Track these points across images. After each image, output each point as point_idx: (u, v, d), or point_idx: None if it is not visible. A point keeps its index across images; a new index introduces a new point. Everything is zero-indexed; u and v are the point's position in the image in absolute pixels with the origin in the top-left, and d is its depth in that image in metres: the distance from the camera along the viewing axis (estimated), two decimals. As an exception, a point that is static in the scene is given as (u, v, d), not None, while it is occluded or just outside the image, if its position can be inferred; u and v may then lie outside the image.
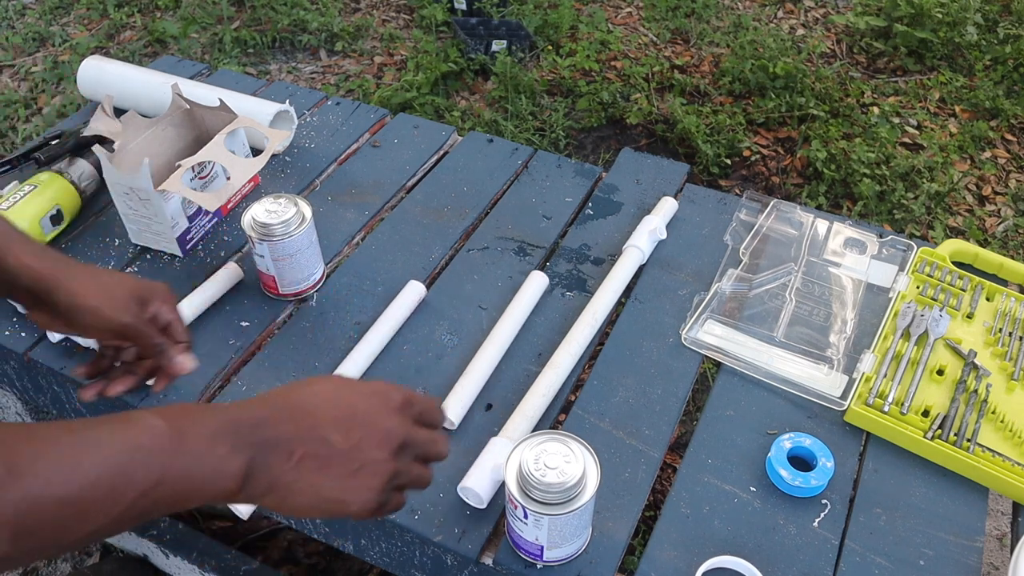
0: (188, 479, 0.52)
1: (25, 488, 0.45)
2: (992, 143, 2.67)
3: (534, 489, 0.71)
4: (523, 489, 0.72)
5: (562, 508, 0.72)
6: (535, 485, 0.71)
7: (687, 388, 0.97)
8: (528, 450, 0.73)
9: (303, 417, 0.57)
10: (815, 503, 0.86)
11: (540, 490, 0.71)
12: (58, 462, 0.47)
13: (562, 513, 0.72)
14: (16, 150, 1.41)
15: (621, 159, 1.30)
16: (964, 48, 3.01)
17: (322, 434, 0.57)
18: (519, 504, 0.72)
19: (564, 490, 0.71)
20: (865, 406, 0.92)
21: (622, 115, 2.65)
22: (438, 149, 1.33)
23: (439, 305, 1.06)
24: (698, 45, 3.06)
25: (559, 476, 0.71)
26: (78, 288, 0.77)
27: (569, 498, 0.72)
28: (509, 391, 0.96)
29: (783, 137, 2.64)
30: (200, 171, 1.10)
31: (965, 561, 0.81)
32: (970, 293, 1.06)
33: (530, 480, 0.71)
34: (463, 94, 2.82)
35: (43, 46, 3.01)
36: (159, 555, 1.39)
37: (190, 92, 1.20)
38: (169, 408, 0.55)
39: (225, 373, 0.98)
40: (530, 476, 0.71)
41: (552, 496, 0.71)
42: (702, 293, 1.06)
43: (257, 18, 3.12)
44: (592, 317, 1.02)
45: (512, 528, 0.77)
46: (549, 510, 0.72)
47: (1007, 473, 0.86)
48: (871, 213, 2.34)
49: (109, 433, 0.50)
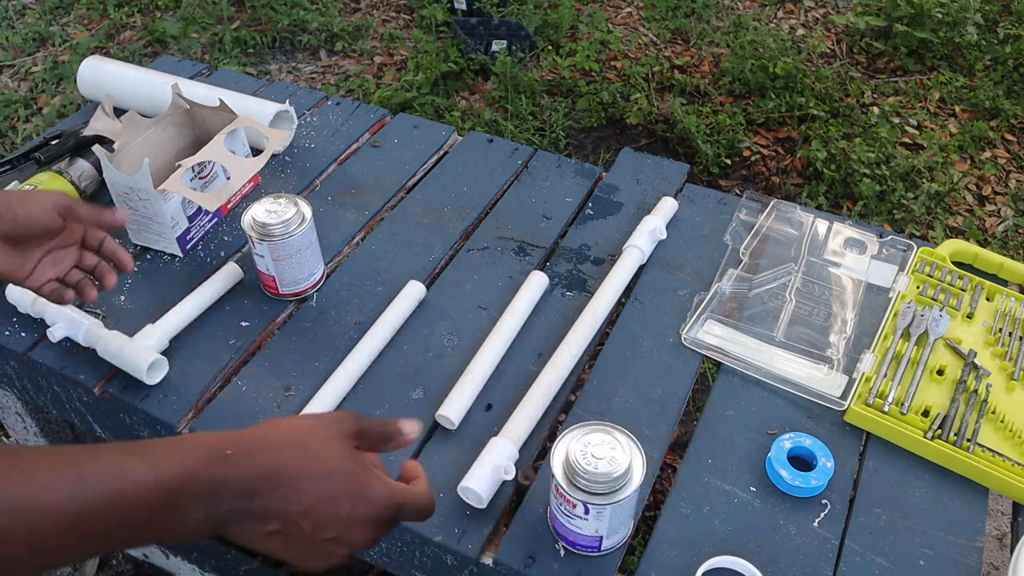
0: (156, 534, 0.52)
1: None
2: (992, 143, 2.67)
3: (588, 482, 0.73)
4: (576, 484, 0.74)
5: (617, 496, 0.73)
6: (587, 478, 0.73)
7: (687, 388, 0.97)
8: (574, 443, 0.74)
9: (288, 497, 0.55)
10: (815, 503, 0.86)
11: (594, 482, 0.73)
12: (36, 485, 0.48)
13: (619, 500, 0.73)
14: (16, 150, 1.41)
15: (621, 159, 1.30)
16: (964, 48, 3.01)
17: (298, 521, 0.56)
18: (577, 501, 0.73)
19: (615, 479, 0.73)
20: (865, 406, 0.92)
21: (622, 115, 2.65)
22: (438, 149, 1.33)
23: (439, 305, 1.06)
24: (698, 45, 3.06)
25: (610, 465, 0.73)
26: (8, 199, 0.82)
27: (621, 486, 0.74)
28: (509, 391, 0.96)
29: (783, 137, 2.64)
30: (200, 171, 1.10)
31: (965, 561, 0.81)
32: (970, 293, 1.06)
33: (582, 474, 0.73)
34: (463, 94, 2.82)
35: (43, 46, 3.01)
36: (159, 555, 1.39)
37: (190, 92, 1.20)
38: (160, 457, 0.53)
39: (225, 373, 0.98)
40: (583, 470, 0.72)
41: (605, 486, 0.73)
42: (702, 293, 1.06)
43: (257, 18, 3.12)
44: (592, 317, 1.02)
45: (565, 526, 0.78)
46: (606, 500, 0.73)
47: (1007, 473, 0.86)
48: (871, 213, 2.34)
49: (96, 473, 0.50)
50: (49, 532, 0.48)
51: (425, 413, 0.93)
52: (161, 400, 0.94)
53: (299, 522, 0.56)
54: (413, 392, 0.96)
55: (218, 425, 0.92)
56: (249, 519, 0.55)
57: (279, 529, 0.56)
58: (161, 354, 0.96)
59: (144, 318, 1.00)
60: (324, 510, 0.56)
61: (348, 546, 0.58)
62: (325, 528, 0.56)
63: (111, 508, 0.49)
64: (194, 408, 0.94)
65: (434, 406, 0.93)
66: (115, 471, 0.51)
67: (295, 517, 0.55)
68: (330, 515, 0.56)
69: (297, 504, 0.55)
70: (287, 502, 0.55)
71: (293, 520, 0.56)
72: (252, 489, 0.54)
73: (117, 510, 0.50)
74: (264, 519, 0.55)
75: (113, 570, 1.50)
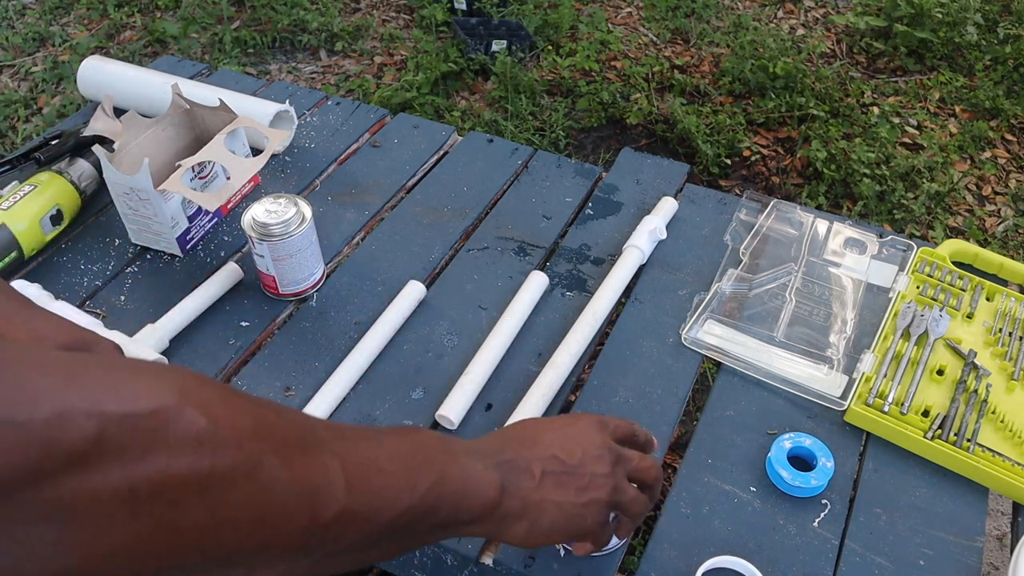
0: (463, 479, 0.56)
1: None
2: (992, 143, 2.67)
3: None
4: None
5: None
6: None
7: (687, 388, 0.97)
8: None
9: (531, 443, 0.63)
10: (815, 503, 0.86)
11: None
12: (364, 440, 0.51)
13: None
14: (16, 150, 1.41)
15: (621, 159, 1.30)
16: (964, 48, 3.01)
17: (552, 453, 0.62)
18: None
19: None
20: (865, 406, 0.92)
21: (622, 115, 2.65)
22: (438, 149, 1.33)
23: (439, 305, 1.06)
24: (698, 45, 3.06)
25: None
26: None
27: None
28: (509, 391, 0.96)
29: (783, 137, 2.64)
30: (200, 171, 1.10)
31: (965, 561, 0.81)
32: (970, 293, 1.07)
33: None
34: (463, 94, 2.82)
35: (43, 46, 3.01)
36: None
37: (190, 92, 1.20)
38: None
39: (225, 373, 0.98)
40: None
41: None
42: (702, 293, 1.06)
43: (257, 18, 3.12)
44: (592, 317, 1.02)
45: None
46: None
47: (1007, 473, 0.86)
48: (871, 213, 2.34)
49: (392, 434, 0.54)
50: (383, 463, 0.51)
51: (425, 413, 0.93)
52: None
53: (554, 454, 0.62)
54: (413, 392, 0.96)
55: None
56: (520, 473, 0.60)
57: (545, 471, 0.61)
58: (161, 354, 0.96)
59: (144, 318, 1.00)
60: (560, 437, 0.64)
61: (600, 461, 0.64)
62: (572, 451, 0.63)
63: (417, 448, 0.55)
64: (194, 408, 0.94)
65: (434, 406, 0.93)
66: (401, 428, 0.57)
67: (549, 452, 0.62)
68: (568, 438, 0.64)
69: (540, 443, 0.63)
70: (534, 444, 0.63)
71: (550, 456, 0.62)
72: (501, 447, 0.61)
73: (420, 448, 0.55)
74: (529, 465, 0.61)
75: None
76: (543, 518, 0.61)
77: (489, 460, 0.59)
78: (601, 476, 0.63)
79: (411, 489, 0.51)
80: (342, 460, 0.47)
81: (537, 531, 0.61)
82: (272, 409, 0.45)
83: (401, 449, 0.53)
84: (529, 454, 0.62)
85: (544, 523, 0.61)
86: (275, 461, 0.42)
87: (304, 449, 0.45)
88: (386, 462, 0.51)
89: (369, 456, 0.50)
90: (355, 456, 0.49)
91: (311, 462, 0.45)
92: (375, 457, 0.50)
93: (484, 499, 0.57)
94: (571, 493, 0.62)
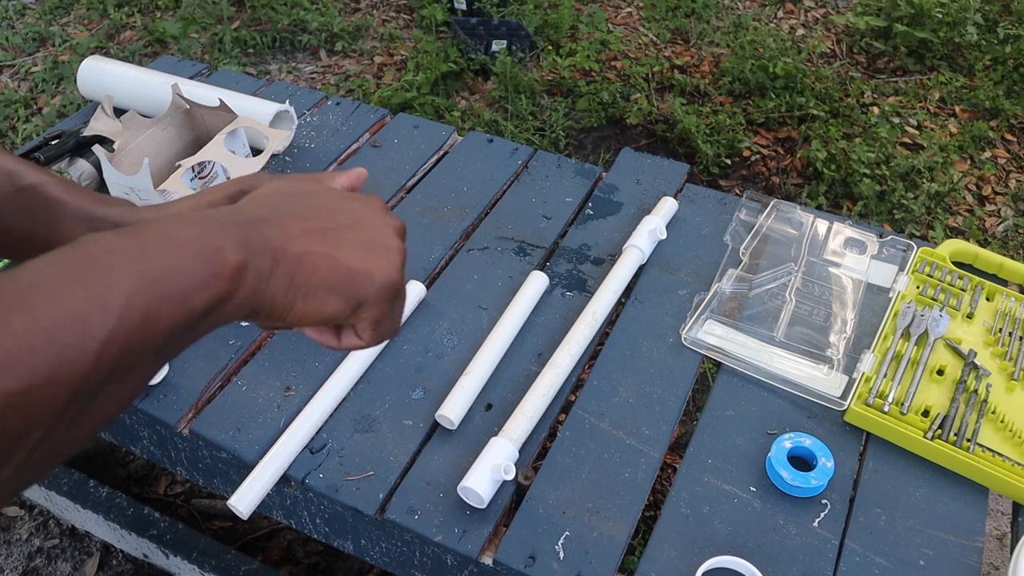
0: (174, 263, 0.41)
1: None
2: (992, 143, 2.67)
3: None
4: None
5: None
6: None
7: (687, 388, 0.97)
8: None
9: (298, 200, 0.50)
10: (815, 503, 0.86)
11: None
12: None
13: None
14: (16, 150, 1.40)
15: (621, 159, 1.30)
16: (964, 48, 3.01)
17: (327, 212, 0.50)
18: None
19: None
20: (865, 406, 0.92)
21: (622, 115, 2.65)
22: (438, 149, 1.33)
23: (439, 305, 1.06)
24: (698, 45, 3.06)
25: None
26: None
27: None
28: (509, 391, 0.96)
29: (783, 137, 2.64)
30: (200, 171, 1.10)
31: (965, 561, 0.81)
32: (970, 293, 1.06)
33: None
34: (463, 94, 2.82)
35: (43, 46, 3.01)
36: (159, 555, 1.39)
37: (190, 92, 1.20)
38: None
39: (225, 373, 0.98)
40: None
41: None
42: (702, 293, 1.06)
43: (257, 18, 3.12)
44: (592, 317, 1.02)
45: None
46: None
47: (1007, 473, 0.86)
48: (871, 213, 2.34)
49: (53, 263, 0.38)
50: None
51: (425, 413, 0.93)
52: (161, 400, 0.94)
53: (328, 212, 0.50)
54: (413, 392, 0.96)
55: (218, 425, 0.92)
56: (271, 225, 0.47)
57: (312, 227, 0.48)
58: (161, 354, 0.96)
59: (144, 318, 1.00)
60: (339, 199, 0.52)
61: (387, 227, 0.52)
62: (352, 212, 0.51)
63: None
64: (194, 408, 0.94)
65: (434, 406, 0.93)
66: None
67: (320, 210, 0.50)
68: (349, 199, 0.52)
69: (312, 202, 0.51)
70: (303, 201, 0.51)
71: (320, 213, 0.50)
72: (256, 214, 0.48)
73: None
74: (288, 221, 0.48)
75: (113, 570, 1.50)
76: (309, 276, 0.46)
77: (224, 229, 0.44)
78: (389, 238, 0.51)
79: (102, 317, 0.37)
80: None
81: (303, 296, 0.46)
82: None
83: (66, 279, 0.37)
84: (290, 210, 0.49)
85: (312, 282, 0.46)
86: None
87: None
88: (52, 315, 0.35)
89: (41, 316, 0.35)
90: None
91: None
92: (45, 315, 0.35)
93: (208, 275, 0.41)
94: (349, 246, 0.49)
